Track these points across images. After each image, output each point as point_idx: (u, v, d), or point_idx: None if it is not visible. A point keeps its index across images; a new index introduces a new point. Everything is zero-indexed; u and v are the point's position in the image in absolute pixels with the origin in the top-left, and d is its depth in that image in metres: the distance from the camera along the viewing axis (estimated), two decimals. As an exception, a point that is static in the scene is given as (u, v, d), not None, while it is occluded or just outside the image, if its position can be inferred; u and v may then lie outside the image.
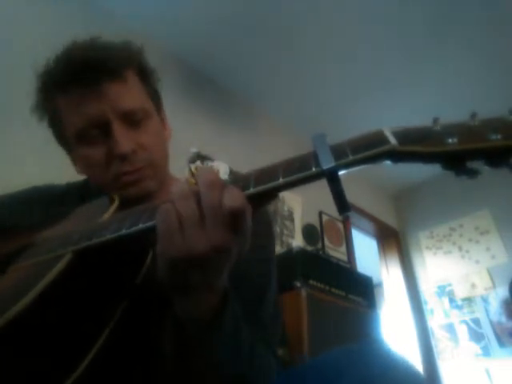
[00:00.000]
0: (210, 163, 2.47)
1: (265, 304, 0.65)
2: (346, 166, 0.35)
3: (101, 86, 0.61)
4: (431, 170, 3.65)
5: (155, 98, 0.72)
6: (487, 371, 2.80)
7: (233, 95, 2.91)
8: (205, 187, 0.36)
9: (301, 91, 2.95)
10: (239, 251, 0.39)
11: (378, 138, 0.35)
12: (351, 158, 0.35)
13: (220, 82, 2.82)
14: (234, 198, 0.35)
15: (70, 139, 0.65)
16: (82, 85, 0.61)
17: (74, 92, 0.61)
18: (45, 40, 1.94)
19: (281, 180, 0.37)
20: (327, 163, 0.35)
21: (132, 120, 0.64)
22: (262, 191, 0.38)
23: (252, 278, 0.64)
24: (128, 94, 0.64)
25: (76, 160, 0.70)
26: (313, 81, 2.87)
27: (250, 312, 0.60)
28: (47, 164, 1.67)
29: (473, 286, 3.13)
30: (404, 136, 0.34)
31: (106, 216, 0.54)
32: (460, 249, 3.34)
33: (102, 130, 0.62)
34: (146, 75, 0.70)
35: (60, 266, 0.44)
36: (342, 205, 0.36)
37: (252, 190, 0.38)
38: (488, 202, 3.28)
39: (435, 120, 0.34)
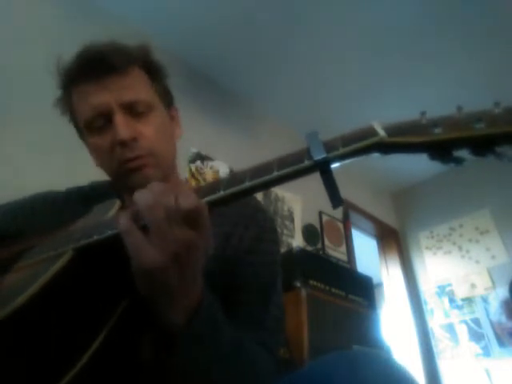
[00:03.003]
0: (210, 163, 2.48)
1: (269, 307, 0.66)
2: (337, 158, 0.36)
3: (105, 79, 0.66)
4: (431, 170, 3.67)
5: (163, 94, 0.75)
6: (487, 371, 2.79)
7: (233, 95, 2.92)
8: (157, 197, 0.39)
9: (301, 91, 2.96)
10: (204, 248, 0.40)
11: (368, 132, 0.36)
12: (341, 150, 0.36)
13: (220, 82, 2.83)
14: (188, 201, 0.38)
15: (82, 130, 0.70)
16: (89, 79, 0.66)
17: (83, 85, 0.67)
18: (44, 40, 1.96)
19: (275, 173, 0.38)
20: (318, 156, 0.36)
21: (134, 111, 0.67)
22: (256, 185, 0.39)
23: (258, 280, 0.66)
24: (130, 87, 0.68)
25: (89, 150, 0.74)
26: (313, 81, 2.88)
27: (254, 314, 0.61)
28: (46, 164, 1.68)
29: (473, 286, 3.13)
30: (393, 129, 0.36)
31: (109, 215, 0.54)
32: (460, 249, 3.34)
33: (106, 120, 0.66)
34: (153, 72, 0.73)
35: (60, 263, 0.44)
36: (335, 198, 0.37)
37: (247, 184, 0.39)
38: (488, 202, 3.28)
39: (422, 113, 0.35)
